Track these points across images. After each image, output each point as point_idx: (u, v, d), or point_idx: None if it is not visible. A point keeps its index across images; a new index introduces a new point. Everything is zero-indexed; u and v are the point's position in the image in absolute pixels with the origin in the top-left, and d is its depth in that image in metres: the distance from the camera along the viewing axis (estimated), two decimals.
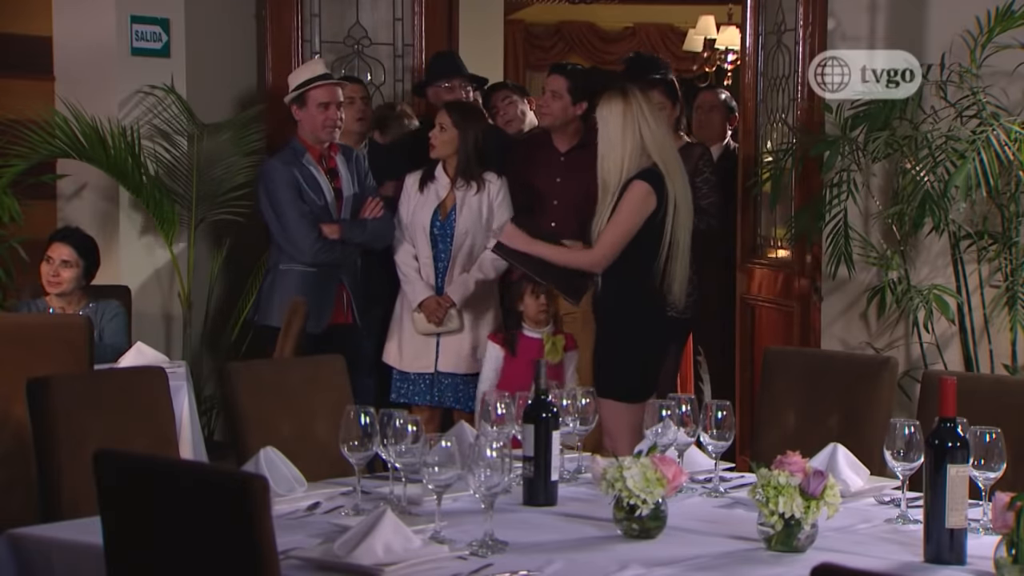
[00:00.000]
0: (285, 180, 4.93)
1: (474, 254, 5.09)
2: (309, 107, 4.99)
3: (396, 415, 2.85)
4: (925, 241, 5.28)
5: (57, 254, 4.94)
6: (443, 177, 5.11)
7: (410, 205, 5.13)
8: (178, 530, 2.35)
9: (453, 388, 5.10)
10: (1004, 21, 4.95)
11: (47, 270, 4.94)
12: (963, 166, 4.85)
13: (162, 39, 5.77)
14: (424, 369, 5.10)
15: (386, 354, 5.17)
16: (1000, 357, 5.10)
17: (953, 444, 2.55)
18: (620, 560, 2.52)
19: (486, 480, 2.57)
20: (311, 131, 5.02)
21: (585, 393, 3.26)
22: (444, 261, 5.11)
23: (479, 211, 5.09)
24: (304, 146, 5.02)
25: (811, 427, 3.55)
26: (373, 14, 6.04)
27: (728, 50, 10.03)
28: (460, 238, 5.08)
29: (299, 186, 4.95)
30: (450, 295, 5.06)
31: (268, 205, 4.97)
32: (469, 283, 5.08)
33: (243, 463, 3.12)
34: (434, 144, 5.05)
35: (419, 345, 5.10)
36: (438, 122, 5.07)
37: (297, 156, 4.99)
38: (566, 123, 5.21)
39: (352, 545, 2.48)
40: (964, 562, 2.52)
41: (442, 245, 5.11)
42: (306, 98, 4.99)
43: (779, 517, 2.55)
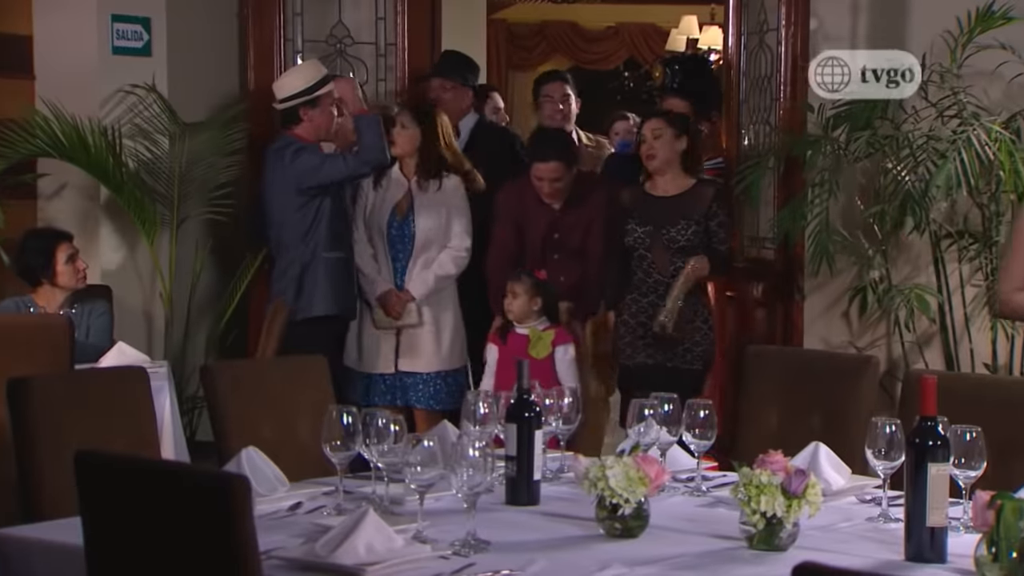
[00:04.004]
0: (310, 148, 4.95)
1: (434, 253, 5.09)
2: (323, 107, 4.99)
3: (379, 415, 2.85)
4: (906, 240, 5.30)
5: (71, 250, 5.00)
6: (399, 177, 5.11)
7: (366, 203, 5.14)
8: (159, 530, 2.34)
9: (414, 387, 5.09)
10: (984, 21, 4.98)
11: (74, 267, 4.96)
12: (944, 166, 4.87)
13: (143, 38, 5.75)
14: (384, 370, 5.08)
15: (346, 356, 5.13)
16: (980, 356, 5.13)
17: (934, 443, 2.56)
18: (602, 559, 2.52)
19: (468, 480, 2.57)
20: (321, 130, 5.02)
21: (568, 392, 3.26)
22: (402, 261, 5.11)
23: (438, 211, 5.09)
24: (305, 143, 5.01)
25: (793, 426, 3.56)
26: (356, 13, 6.03)
27: (711, 50, 10.04)
28: (421, 236, 5.08)
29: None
30: (410, 290, 5.06)
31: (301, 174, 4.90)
32: (429, 279, 5.09)
33: (225, 463, 3.11)
34: (394, 141, 5.06)
35: (379, 346, 5.08)
36: (399, 120, 5.08)
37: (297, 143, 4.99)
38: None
39: (334, 545, 2.47)
40: (945, 560, 2.53)
41: (400, 246, 5.11)
42: (320, 98, 4.98)
43: (761, 516, 2.56)
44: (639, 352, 4.87)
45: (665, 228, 4.86)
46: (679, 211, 4.88)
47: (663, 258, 4.86)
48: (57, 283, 4.97)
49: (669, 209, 4.88)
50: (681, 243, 4.86)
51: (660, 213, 4.88)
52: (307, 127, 4.99)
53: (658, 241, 4.86)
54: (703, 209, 4.88)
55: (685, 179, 4.97)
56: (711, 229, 4.88)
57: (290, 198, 4.92)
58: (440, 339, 5.11)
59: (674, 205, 4.90)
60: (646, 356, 4.86)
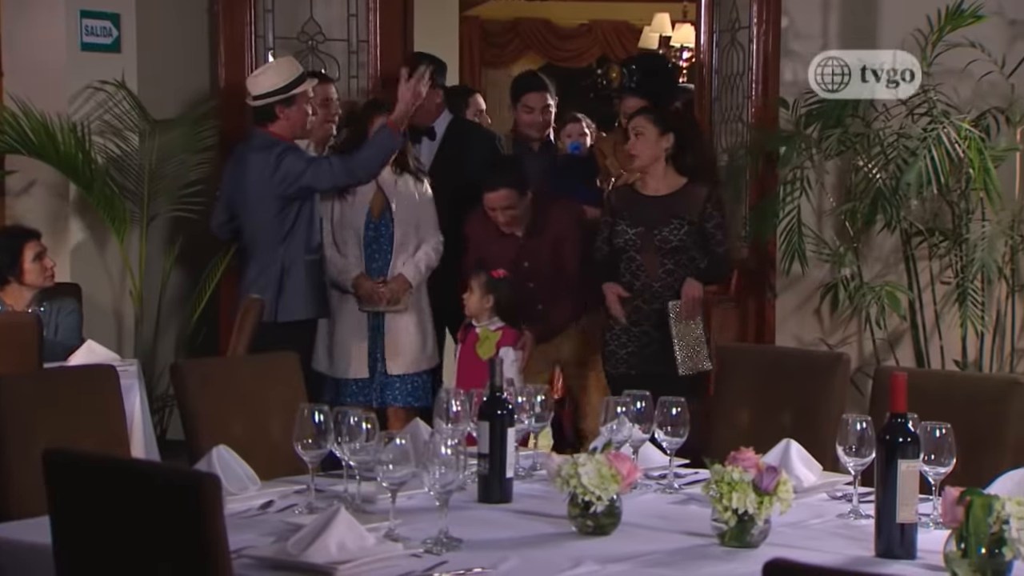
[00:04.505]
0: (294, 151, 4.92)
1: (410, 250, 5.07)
2: (299, 105, 4.97)
3: (350, 413, 2.84)
4: (877, 238, 5.32)
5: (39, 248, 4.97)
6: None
7: (332, 206, 5.06)
8: (129, 529, 2.32)
9: (391, 386, 5.06)
10: (954, 20, 5.01)
11: (41, 265, 4.94)
12: (914, 164, 4.90)
13: (112, 34, 5.71)
14: (357, 375, 5.03)
15: (316, 361, 5.02)
16: (951, 353, 5.15)
17: (904, 440, 2.57)
18: (574, 556, 2.52)
19: (441, 477, 2.57)
20: (296, 128, 5.00)
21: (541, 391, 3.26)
22: (379, 261, 5.07)
23: (414, 208, 5.08)
24: (282, 141, 4.99)
25: (765, 423, 3.57)
26: (327, 10, 6.00)
27: (683, 48, 10.07)
28: (400, 234, 5.05)
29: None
30: (405, 275, 5.03)
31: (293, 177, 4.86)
32: (421, 267, 5.08)
33: (195, 462, 3.10)
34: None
35: (350, 350, 5.03)
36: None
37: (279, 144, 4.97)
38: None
39: (306, 543, 2.46)
40: (914, 556, 2.54)
41: (376, 246, 5.07)
42: (295, 97, 4.96)
43: (732, 513, 2.56)
44: (622, 363, 4.79)
45: (657, 228, 4.76)
46: (671, 211, 4.78)
47: (653, 260, 4.76)
48: (24, 281, 4.93)
49: (660, 209, 4.79)
50: (674, 243, 4.76)
51: (651, 213, 4.78)
52: (283, 125, 4.97)
53: (649, 243, 4.76)
54: (697, 210, 4.78)
55: (676, 178, 4.84)
56: (707, 231, 4.78)
57: (271, 201, 4.89)
58: (424, 340, 5.10)
59: (666, 205, 4.80)
60: (628, 367, 4.76)
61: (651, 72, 5.53)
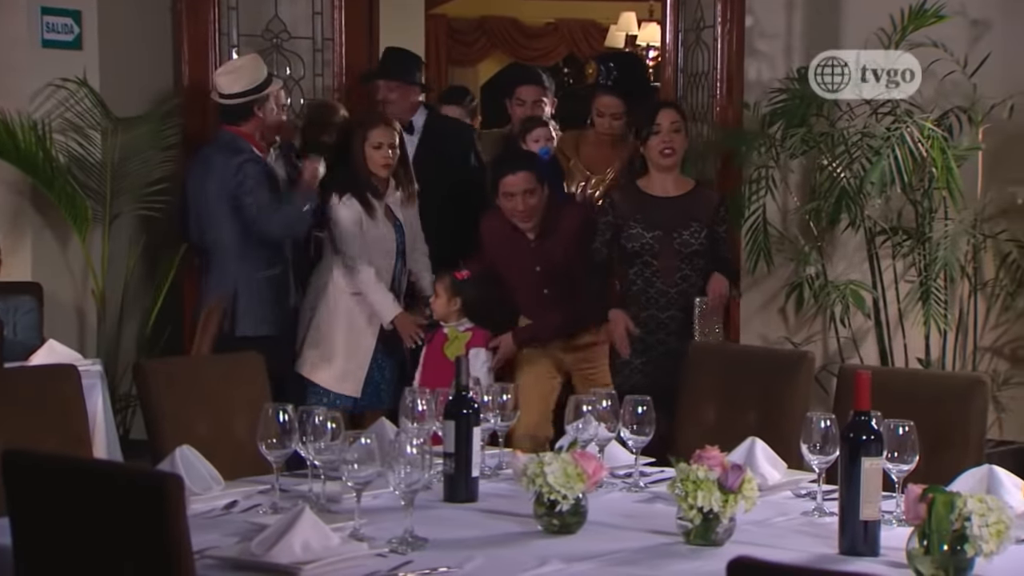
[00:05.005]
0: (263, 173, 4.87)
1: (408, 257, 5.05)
2: (271, 104, 4.96)
3: (315, 412, 2.83)
4: (842, 237, 5.35)
5: None
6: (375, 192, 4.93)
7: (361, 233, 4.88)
8: (90, 530, 2.30)
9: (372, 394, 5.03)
10: (917, 19, 5.04)
11: None
12: (878, 163, 4.93)
13: (74, 31, 5.65)
14: (353, 393, 4.95)
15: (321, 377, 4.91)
16: (914, 351, 5.19)
17: (867, 437, 2.58)
18: (540, 555, 2.52)
19: (406, 477, 2.56)
20: (268, 127, 4.97)
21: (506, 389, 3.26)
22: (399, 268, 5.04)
23: (413, 217, 5.04)
24: (249, 142, 4.96)
25: (730, 421, 3.58)
26: (292, 8, 5.96)
27: (649, 46, 10.10)
28: (409, 243, 5.02)
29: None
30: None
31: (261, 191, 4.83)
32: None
33: (159, 462, 3.07)
34: (390, 163, 4.89)
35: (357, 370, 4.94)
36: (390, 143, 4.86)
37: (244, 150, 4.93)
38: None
39: (270, 543, 2.45)
40: (878, 553, 2.55)
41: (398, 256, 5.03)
42: (268, 96, 4.95)
43: (698, 511, 2.56)
44: (636, 373, 4.47)
45: (676, 231, 4.49)
46: (688, 213, 4.52)
47: (671, 265, 4.49)
48: None
49: (676, 211, 4.51)
50: (694, 247, 4.49)
51: (668, 215, 4.50)
52: (256, 124, 4.97)
53: (668, 246, 4.49)
54: (710, 213, 4.53)
55: (684, 179, 4.64)
56: (717, 235, 4.54)
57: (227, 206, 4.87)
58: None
59: (681, 207, 4.53)
60: (643, 376, 4.45)
61: (628, 70, 5.46)
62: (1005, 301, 5.18)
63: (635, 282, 4.55)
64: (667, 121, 4.52)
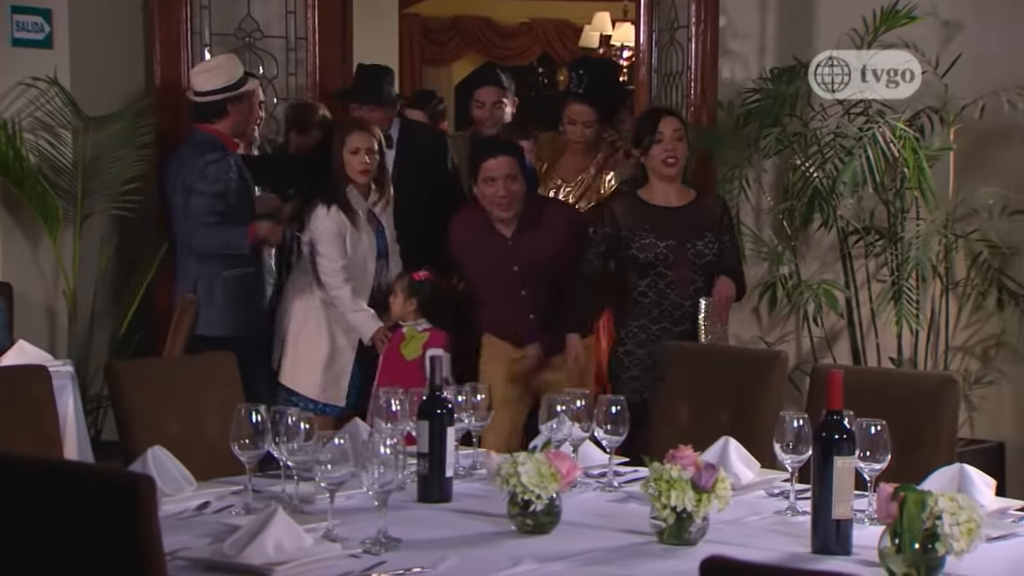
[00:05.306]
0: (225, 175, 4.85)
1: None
2: (248, 102, 4.96)
3: (288, 412, 2.82)
4: (815, 236, 5.38)
5: None
6: (359, 199, 4.92)
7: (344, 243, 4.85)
8: (61, 532, 2.28)
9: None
10: (889, 20, 5.07)
11: None
12: (850, 163, 4.95)
13: (44, 30, 5.61)
14: (335, 402, 4.93)
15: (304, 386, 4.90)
16: (886, 350, 5.22)
17: (840, 437, 2.59)
18: (514, 555, 2.51)
19: (380, 477, 2.55)
20: (244, 125, 4.97)
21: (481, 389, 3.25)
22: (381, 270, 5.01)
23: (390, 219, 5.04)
24: (222, 141, 4.94)
25: (704, 421, 3.59)
26: (265, 6, 5.94)
27: (623, 46, 10.11)
28: (391, 236, 5.01)
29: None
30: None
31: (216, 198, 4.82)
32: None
33: (130, 463, 3.06)
34: (368, 169, 4.86)
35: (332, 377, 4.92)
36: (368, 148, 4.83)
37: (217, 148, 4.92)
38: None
39: (242, 544, 2.44)
40: (850, 552, 2.56)
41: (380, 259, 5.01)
42: (244, 94, 4.95)
43: (671, 511, 2.57)
44: (648, 387, 4.23)
45: (690, 242, 4.39)
46: (698, 223, 4.43)
47: (685, 276, 4.38)
48: None
49: (685, 221, 4.42)
50: (709, 257, 4.40)
51: (679, 225, 4.41)
52: (231, 122, 4.96)
53: (682, 257, 4.39)
54: (715, 222, 4.45)
55: (686, 189, 4.54)
56: (724, 245, 4.46)
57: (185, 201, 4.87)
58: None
59: (690, 217, 4.44)
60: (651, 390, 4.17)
61: (599, 78, 5.40)
62: (976, 301, 5.22)
63: (647, 294, 4.42)
64: (669, 129, 4.43)
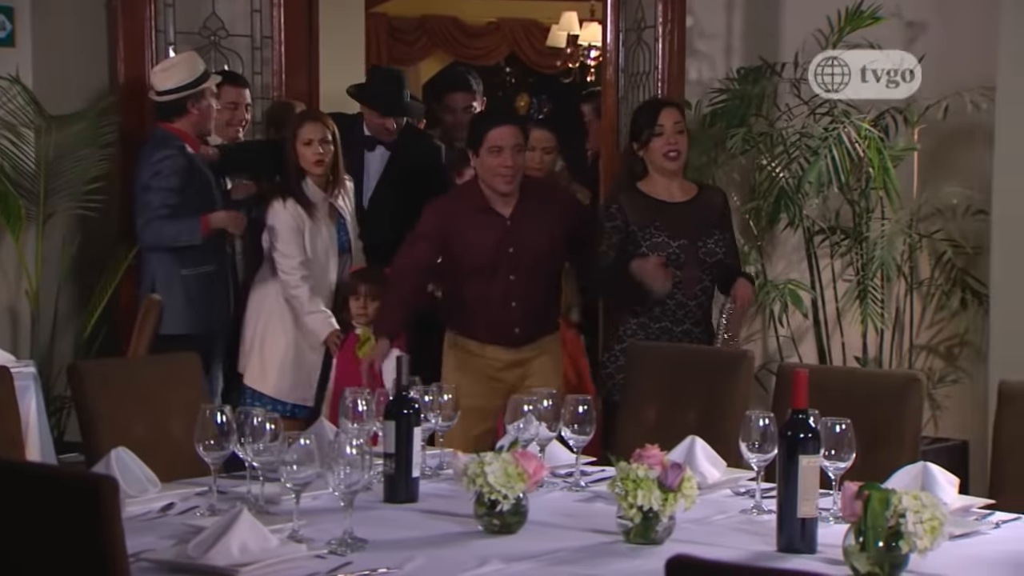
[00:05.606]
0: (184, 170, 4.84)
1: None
2: (207, 99, 4.95)
3: (253, 413, 2.80)
4: (781, 236, 5.40)
5: None
6: (317, 194, 4.89)
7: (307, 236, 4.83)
8: (22, 533, 2.26)
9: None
10: (854, 21, 5.10)
11: None
12: (816, 163, 4.98)
13: (6, 28, 5.55)
14: (302, 401, 4.89)
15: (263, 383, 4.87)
16: (852, 350, 5.25)
17: (805, 435, 2.60)
18: (480, 555, 2.51)
19: (346, 478, 2.54)
20: (204, 123, 4.95)
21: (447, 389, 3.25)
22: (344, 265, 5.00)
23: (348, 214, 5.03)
24: (182, 138, 4.92)
25: (671, 420, 3.59)
26: (230, 5, 5.90)
27: (591, 46, 10.11)
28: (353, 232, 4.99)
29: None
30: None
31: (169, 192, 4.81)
32: None
33: (93, 464, 3.03)
34: (323, 160, 4.82)
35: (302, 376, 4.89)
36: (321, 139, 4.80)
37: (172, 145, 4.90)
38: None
39: (207, 546, 2.42)
40: (815, 551, 2.57)
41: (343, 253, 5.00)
42: (203, 92, 4.94)
43: (637, 510, 2.57)
44: None
45: (701, 240, 4.22)
46: (706, 220, 4.26)
47: (693, 276, 4.22)
48: None
49: (695, 217, 4.25)
50: (719, 255, 4.24)
51: (689, 223, 4.24)
52: (191, 120, 4.95)
53: (693, 256, 4.23)
54: (717, 217, 4.29)
55: (688, 183, 4.34)
56: (726, 239, 4.30)
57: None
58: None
59: (697, 212, 4.27)
60: None
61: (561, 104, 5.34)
62: (940, 300, 5.25)
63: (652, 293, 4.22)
64: (670, 121, 4.24)
